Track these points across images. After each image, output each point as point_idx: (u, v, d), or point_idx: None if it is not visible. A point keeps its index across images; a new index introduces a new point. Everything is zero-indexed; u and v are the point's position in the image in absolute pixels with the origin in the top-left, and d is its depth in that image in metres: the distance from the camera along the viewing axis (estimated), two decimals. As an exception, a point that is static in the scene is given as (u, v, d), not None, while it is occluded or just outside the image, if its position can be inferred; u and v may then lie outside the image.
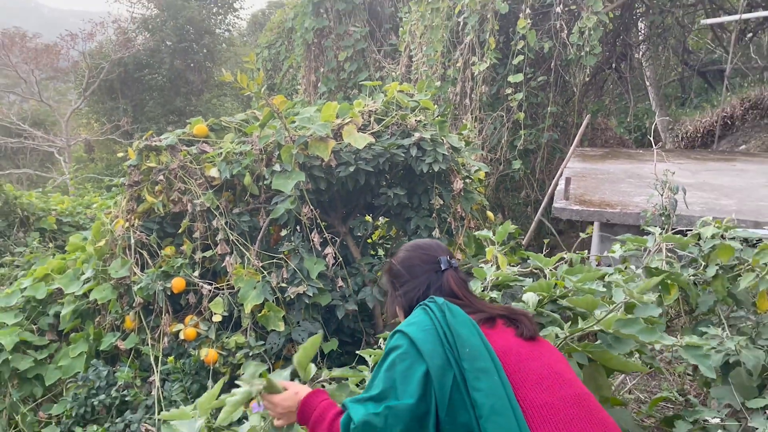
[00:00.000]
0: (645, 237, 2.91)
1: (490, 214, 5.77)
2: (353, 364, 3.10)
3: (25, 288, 5.27)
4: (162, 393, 4.48)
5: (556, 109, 9.28)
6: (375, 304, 4.77)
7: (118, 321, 4.97)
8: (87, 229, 7.83)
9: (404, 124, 4.82)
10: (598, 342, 2.06)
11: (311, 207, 4.68)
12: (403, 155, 4.63)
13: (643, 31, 11.96)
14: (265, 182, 4.92)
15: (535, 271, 3.12)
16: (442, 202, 4.83)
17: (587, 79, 9.39)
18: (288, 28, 13.89)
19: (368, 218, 5.29)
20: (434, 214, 4.86)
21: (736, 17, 9.84)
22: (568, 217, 5.43)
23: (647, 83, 13.99)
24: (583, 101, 10.32)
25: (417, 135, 4.65)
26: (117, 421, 4.42)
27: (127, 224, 5.09)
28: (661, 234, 2.84)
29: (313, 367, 2.05)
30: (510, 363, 1.65)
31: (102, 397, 4.53)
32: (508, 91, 8.66)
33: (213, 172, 4.94)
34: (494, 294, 2.78)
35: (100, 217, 5.39)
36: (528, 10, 8.43)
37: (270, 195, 5.01)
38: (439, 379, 1.58)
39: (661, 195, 4.85)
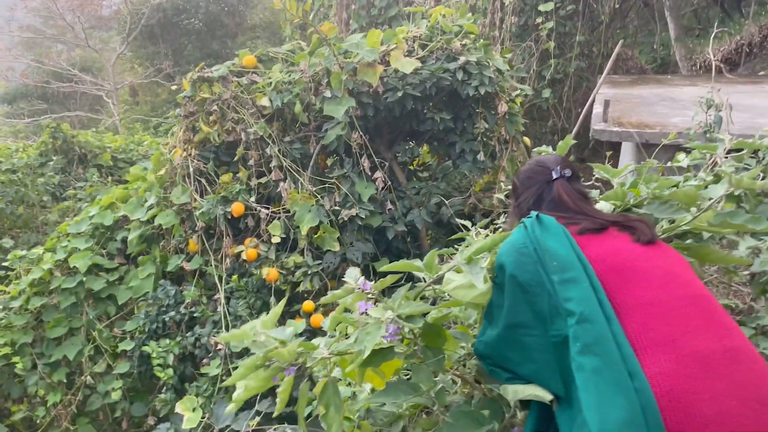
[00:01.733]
0: (715, 144, 2.68)
1: (526, 139, 5.53)
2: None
3: (93, 216, 5.21)
4: (227, 309, 4.44)
5: (584, 37, 8.84)
6: (422, 226, 4.63)
7: (182, 244, 4.91)
8: (141, 162, 7.76)
9: (449, 49, 4.56)
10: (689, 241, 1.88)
11: (360, 133, 4.50)
12: (449, 79, 4.39)
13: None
14: (314, 110, 4.73)
15: (597, 184, 2.94)
16: (486, 126, 4.61)
17: (617, 5, 8.89)
18: (318, -32, 13.33)
19: (412, 144, 5.10)
20: (479, 138, 4.65)
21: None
22: (607, 138, 5.19)
23: (666, 13, 13.30)
24: (608, 31, 9.83)
25: (463, 59, 4.40)
26: (187, 335, 4.41)
27: (184, 154, 4.96)
28: (731, 140, 2.62)
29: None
30: (615, 265, 1.49)
31: (172, 313, 4.51)
32: (538, 20, 8.24)
33: (264, 102, 4.76)
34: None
35: (157, 147, 5.27)
36: (558, -62, 7.92)
37: (319, 123, 4.83)
38: (534, 297, 1.47)
39: (706, 112, 4.59)
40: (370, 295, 1.98)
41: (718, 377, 1.29)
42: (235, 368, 3.92)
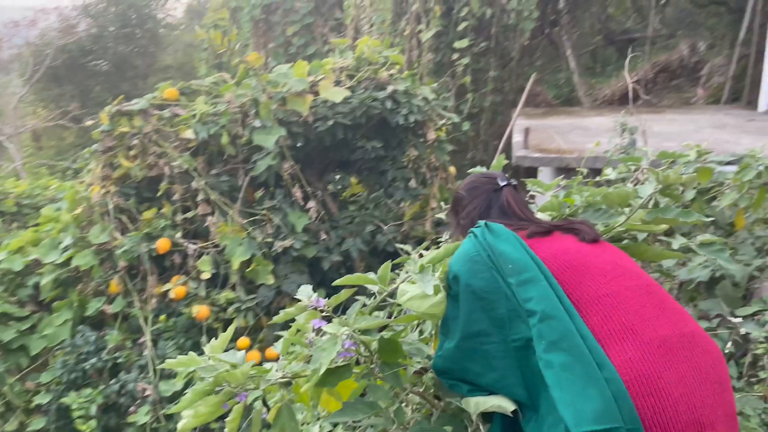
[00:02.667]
0: (639, 156, 2.81)
1: (452, 168, 5.64)
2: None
3: (0, 261, 4.82)
4: (155, 352, 4.18)
5: (497, 73, 9.21)
6: (357, 255, 4.58)
7: (102, 286, 4.61)
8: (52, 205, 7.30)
9: (377, 79, 4.60)
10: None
11: (292, 162, 4.43)
12: (379, 108, 4.42)
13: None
14: (241, 141, 4.64)
15: (530, 200, 3.01)
16: (416, 153, 4.65)
17: (526, 42, 9.34)
18: (233, 8, 13.31)
19: (343, 174, 5.08)
20: (410, 166, 4.68)
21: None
22: (529, 164, 5.36)
23: (567, 52, 14.13)
24: (519, 67, 10.29)
25: (391, 88, 4.45)
26: (111, 382, 4.11)
27: (103, 191, 4.71)
28: (653, 152, 2.75)
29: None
30: (567, 263, 1.52)
31: (93, 360, 4.20)
32: (454, 56, 8.51)
33: (188, 134, 4.61)
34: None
35: (71, 187, 4.98)
36: (470, -21, 8.27)
37: (246, 155, 4.73)
38: (490, 303, 1.46)
39: (621, 137, 4.85)
40: (323, 313, 1.91)
41: (680, 361, 1.33)
42: (168, 415, 3.67)
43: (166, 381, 3.90)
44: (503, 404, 1.49)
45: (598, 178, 3.17)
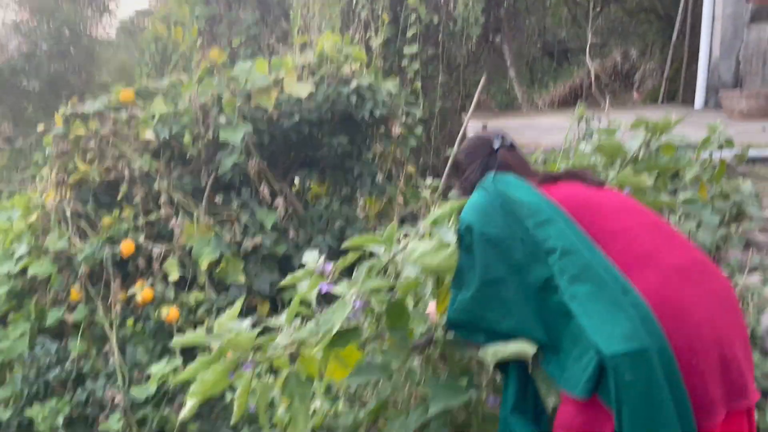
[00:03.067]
0: (615, 127, 2.93)
1: (411, 168, 5.71)
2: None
3: (-53, 275, 4.56)
4: (123, 358, 4.04)
5: (446, 79, 9.39)
6: (326, 251, 4.55)
7: (61, 295, 4.43)
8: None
9: (340, 75, 4.62)
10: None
11: (258, 159, 4.38)
12: (344, 103, 4.43)
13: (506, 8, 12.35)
14: (203, 141, 4.56)
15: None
16: (382, 149, 4.69)
17: (473, 49, 9.56)
18: (174, 21, 13.11)
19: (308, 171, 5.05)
20: (376, 161, 4.71)
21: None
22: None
23: (508, 61, 14.53)
24: (465, 73, 10.52)
25: (355, 82, 4.48)
26: (78, 392, 3.94)
27: (58, 196, 4.54)
28: (627, 123, 2.87)
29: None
30: (580, 203, 1.57)
31: (56, 371, 4.01)
32: (404, 63, 8.63)
33: (149, 135, 4.50)
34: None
35: (24, 194, 4.78)
36: (416, -15, 8.43)
37: (209, 154, 4.66)
38: (506, 249, 1.50)
39: (578, 126, 5.02)
40: (329, 277, 1.91)
41: (697, 285, 1.39)
42: (141, 419, 3.55)
43: (137, 386, 3.76)
44: (523, 349, 1.51)
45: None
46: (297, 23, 10.06)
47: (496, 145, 1.85)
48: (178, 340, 2.03)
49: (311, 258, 1.85)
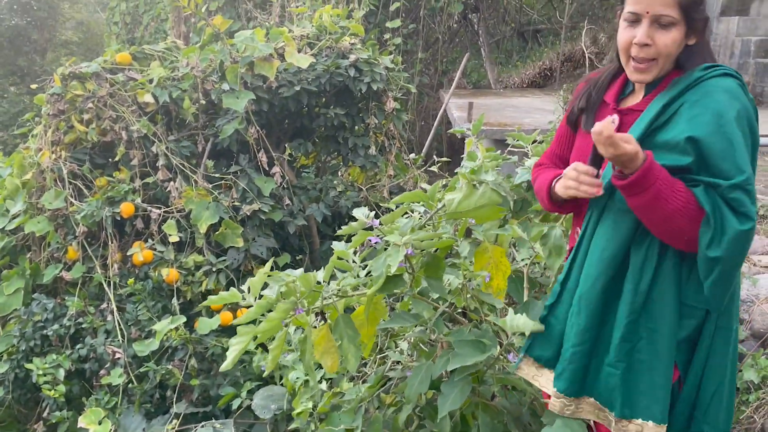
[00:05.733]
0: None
1: (401, 142, 5.89)
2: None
3: (-63, 230, 4.58)
4: (121, 316, 4.16)
5: (424, 55, 9.55)
6: (321, 219, 4.73)
7: (58, 253, 4.50)
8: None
9: (338, 47, 4.76)
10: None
11: (257, 128, 4.51)
12: (343, 75, 4.58)
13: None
14: (201, 107, 4.66)
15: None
16: (377, 122, 4.86)
17: (454, 26, 9.73)
18: (146, -19, 12.85)
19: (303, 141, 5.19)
20: (371, 133, 4.89)
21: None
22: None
23: (480, 41, 14.75)
24: (443, 50, 10.70)
25: (353, 56, 4.62)
26: (78, 347, 4.06)
27: (54, 156, 4.58)
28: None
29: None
30: None
31: (55, 327, 4.11)
32: (387, 36, 8.76)
33: (147, 98, 4.57)
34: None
35: (18, 151, 4.80)
36: (401, -40, 8.53)
37: (207, 120, 4.76)
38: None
39: (563, 109, 5.29)
40: (378, 231, 2.09)
41: None
42: (144, 373, 3.71)
43: (139, 342, 3.90)
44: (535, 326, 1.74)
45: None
46: (277, -9, 10.03)
47: None
48: (211, 299, 2.18)
49: (362, 213, 2.03)
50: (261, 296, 2.05)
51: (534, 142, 3.04)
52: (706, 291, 1.40)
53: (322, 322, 2.07)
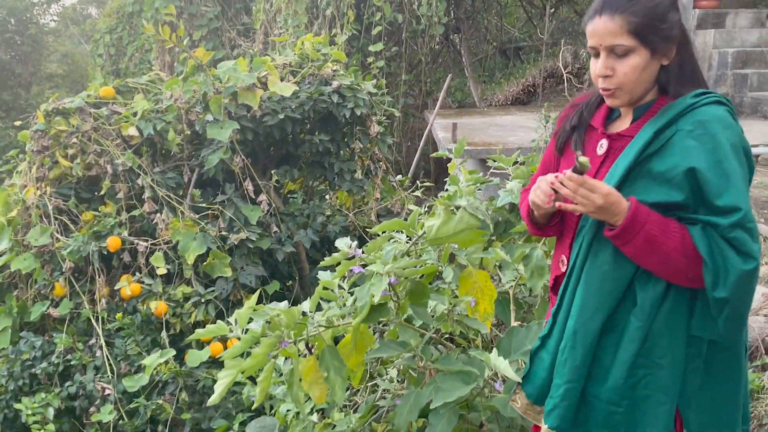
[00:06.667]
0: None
1: (386, 164, 5.92)
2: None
3: None
4: (111, 351, 4.13)
5: (409, 77, 9.64)
6: (309, 245, 4.73)
7: (45, 290, 4.47)
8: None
9: (320, 74, 4.80)
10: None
11: (242, 156, 4.53)
12: (326, 102, 4.61)
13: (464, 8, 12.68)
14: (185, 138, 4.68)
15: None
16: (362, 146, 4.89)
17: (436, 47, 9.83)
18: (128, 13, 12.93)
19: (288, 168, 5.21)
20: (356, 158, 4.91)
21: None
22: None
23: (463, 60, 14.91)
24: (427, 71, 10.79)
25: (336, 82, 4.66)
26: (67, 384, 4.01)
27: (38, 192, 4.57)
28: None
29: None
30: None
31: (44, 365, 4.07)
32: (370, 60, 8.83)
33: (131, 131, 4.59)
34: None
35: (2, 189, 4.78)
36: (382, -15, 8.64)
37: (192, 150, 4.78)
38: None
39: (545, 127, 5.35)
40: (361, 260, 2.10)
41: None
42: (134, 408, 3.67)
43: (129, 377, 3.87)
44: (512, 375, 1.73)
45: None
46: (259, 18, 10.13)
47: None
48: (198, 332, 2.19)
49: (344, 243, 2.04)
50: (248, 329, 2.05)
51: (515, 163, 3.07)
52: (720, 328, 1.37)
53: (309, 353, 2.07)
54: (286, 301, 2.03)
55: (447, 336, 2.37)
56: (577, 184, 1.35)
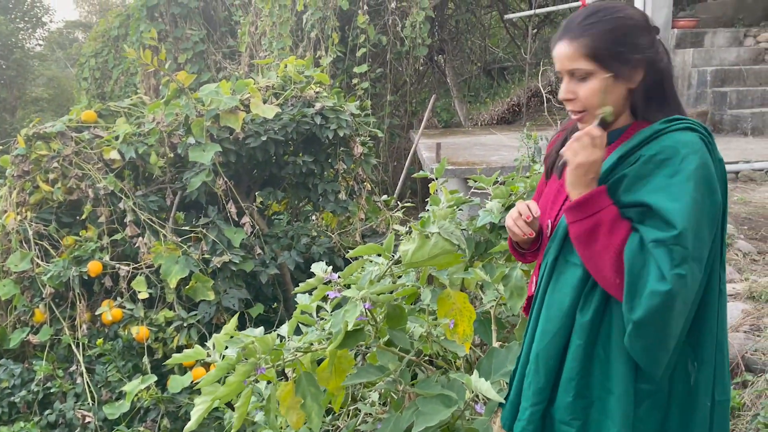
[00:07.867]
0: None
1: (370, 185, 5.92)
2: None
3: None
4: (91, 378, 4.06)
5: (393, 98, 9.69)
6: (294, 267, 4.70)
7: (25, 316, 4.40)
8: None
9: (303, 96, 4.81)
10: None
11: (225, 179, 4.51)
12: (309, 123, 4.62)
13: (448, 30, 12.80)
14: (168, 161, 4.66)
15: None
16: (345, 167, 4.89)
17: (421, 68, 9.90)
18: (114, 36, 12.95)
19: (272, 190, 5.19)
20: (340, 179, 4.90)
21: (531, 12, 10.94)
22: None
23: (448, 81, 15.04)
24: (411, 92, 10.86)
25: (319, 104, 4.67)
26: (47, 413, 3.94)
27: (19, 217, 4.52)
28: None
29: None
30: None
31: (23, 393, 4.00)
32: (355, 81, 8.87)
33: (113, 155, 4.56)
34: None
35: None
36: (365, 7, 8.71)
37: (175, 173, 4.75)
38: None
39: (528, 147, 5.37)
40: (337, 285, 2.09)
41: None
42: (117, 436, 3.59)
43: (110, 404, 3.80)
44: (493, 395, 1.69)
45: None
46: (245, 41, 10.17)
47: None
48: (176, 357, 2.15)
49: (320, 268, 2.02)
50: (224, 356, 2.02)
51: (495, 183, 3.07)
52: (640, 360, 1.31)
53: (286, 379, 2.04)
54: (262, 327, 2.00)
55: (428, 358, 2.34)
56: (589, 135, 1.34)
